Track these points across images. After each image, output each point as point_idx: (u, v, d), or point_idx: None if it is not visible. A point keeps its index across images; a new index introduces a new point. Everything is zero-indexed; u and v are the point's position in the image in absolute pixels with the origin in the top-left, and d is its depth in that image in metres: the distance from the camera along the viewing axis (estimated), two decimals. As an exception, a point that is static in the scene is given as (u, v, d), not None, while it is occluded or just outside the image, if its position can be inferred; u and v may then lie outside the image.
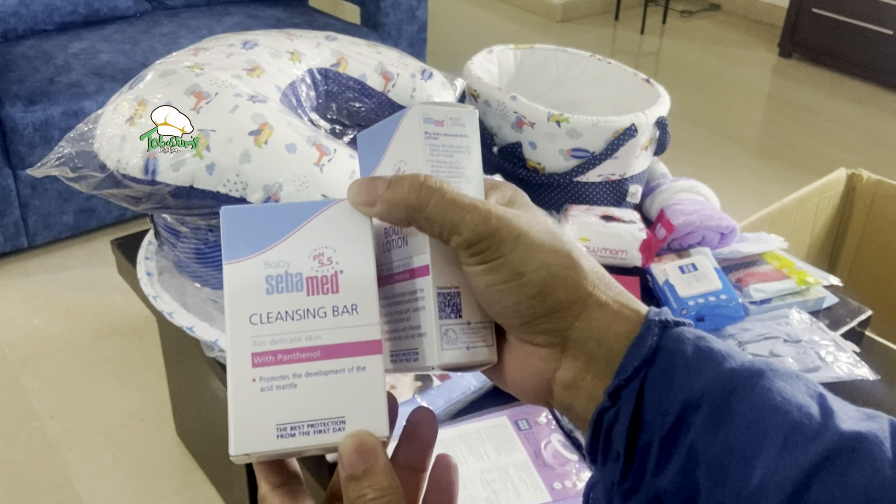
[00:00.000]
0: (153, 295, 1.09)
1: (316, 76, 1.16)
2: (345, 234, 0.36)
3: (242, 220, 0.36)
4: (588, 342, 0.35)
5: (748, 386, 0.33)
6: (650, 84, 1.35)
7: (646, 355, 0.34)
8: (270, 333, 0.34)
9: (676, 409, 0.33)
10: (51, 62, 2.08)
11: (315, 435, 0.34)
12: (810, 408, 0.32)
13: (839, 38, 3.39)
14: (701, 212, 1.20)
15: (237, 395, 0.34)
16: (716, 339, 0.35)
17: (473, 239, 0.34)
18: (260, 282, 0.35)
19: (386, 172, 0.38)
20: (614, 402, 0.34)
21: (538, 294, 0.34)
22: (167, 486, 1.52)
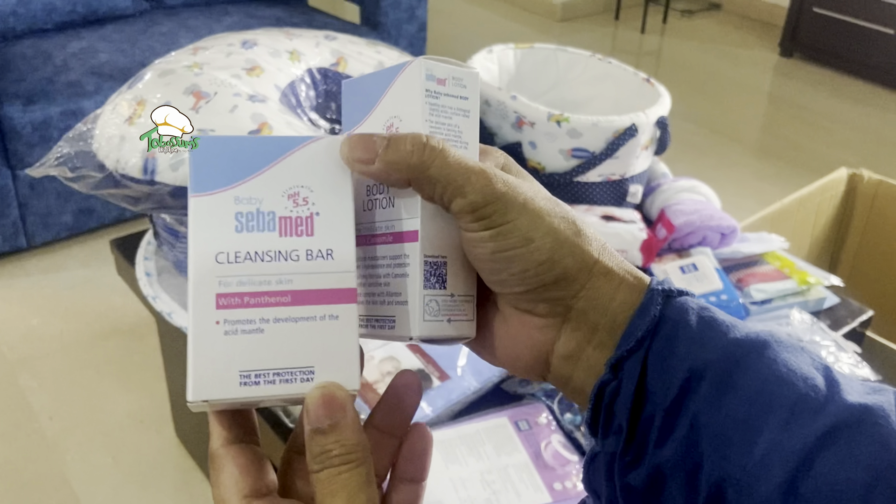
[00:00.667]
0: (152, 295, 1.09)
1: (315, 76, 1.16)
2: (324, 174, 0.34)
3: (213, 151, 0.33)
4: (591, 311, 0.34)
5: (753, 356, 0.32)
6: (650, 84, 1.34)
7: (649, 325, 0.33)
8: (237, 274, 0.32)
9: (680, 379, 0.32)
10: (49, 62, 2.08)
11: (281, 384, 0.32)
12: (815, 379, 0.32)
13: (840, 38, 3.39)
14: (701, 212, 1.20)
15: (198, 337, 0.31)
16: (719, 310, 0.34)
17: (480, 202, 0.33)
18: (229, 218, 0.32)
19: (375, 127, 0.36)
20: (616, 375, 0.33)
21: (547, 261, 0.33)
22: (166, 487, 1.51)
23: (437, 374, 0.94)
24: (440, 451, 0.86)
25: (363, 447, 0.31)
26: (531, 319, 0.35)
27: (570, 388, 0.36)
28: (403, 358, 0.96)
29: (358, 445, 0.31)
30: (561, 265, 0.33)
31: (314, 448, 0.31)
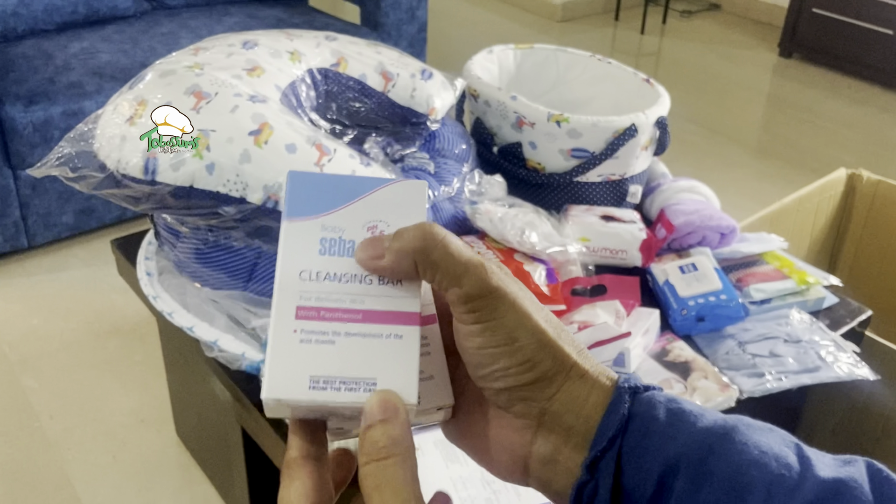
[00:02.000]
0: (153, 295, 1.09)
1: (316, 76, 1.16)
2: (400, 211, 0.38)
3: (307, 185, 0.38)
4: (566, 414, 0.35)
5: (724, 443, 0.33)
6: (650, 84, 1.35)
7: (619, 424, 0.34)
8: (317, 290, 0.36)
9: (655, 475, 0.33)
10: (51, 62, 2.08)
11: (346, 392, 0.34)
12: (788, 458, 0.33)
13: (839, 38, 3.39)
14: (701, 212, 1.20)
15: (277, 342, 0.35)
16: (686, 400, 0.36)
17: (474, 294, 0.34)
18: (314, 242, 0.37)
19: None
20: (592, 475, 0.34)
21: (527, 361, 0.35)
22: (167, 486, 1.52)
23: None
24: (441, 450, 0.86)
25: (409, 446, 0.32)
26: (509, 421, 0.36)
27: (552, 492, 0.36)
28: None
29: (405, 440, 0.32)
30: (540, 367, 0.35)
31: (365, 444, 0.32)
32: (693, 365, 1.00)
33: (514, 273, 1.04)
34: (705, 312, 1.06)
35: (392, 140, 1.16)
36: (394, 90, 1.18)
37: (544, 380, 0.35)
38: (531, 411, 0.35)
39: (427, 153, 1.18)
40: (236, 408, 1.01)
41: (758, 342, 1.05)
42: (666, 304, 1.10)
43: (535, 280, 1.03)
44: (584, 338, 0.94)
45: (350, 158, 1.01)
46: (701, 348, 1.06)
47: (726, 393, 0.96)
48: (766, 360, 1.01)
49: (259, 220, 0.97)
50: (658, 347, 1.03)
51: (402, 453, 0.32)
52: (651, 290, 1.15)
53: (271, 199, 0.95)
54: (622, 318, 1.00)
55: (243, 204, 0.95)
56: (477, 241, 1.11)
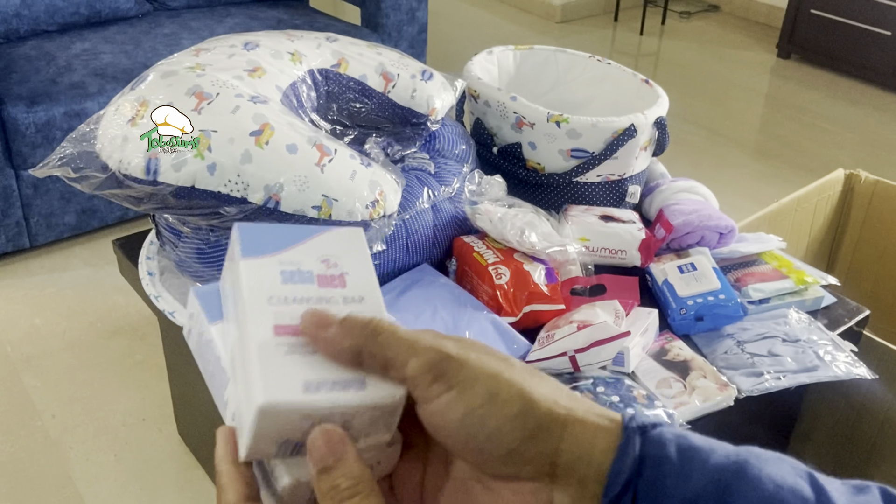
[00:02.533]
0: (155, 294, 1.10)
1: (317, 77, 1.17)
2: (347, 248, 0.40)
3: (256, 232, 0.39)
4: (577, 463, 0.33)
5: (738, 480, 0.32)
6: (649, 85, 1.35)
7: (633, 466, 0.33)
8: (289, 311, 0.36)
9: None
10: (53, 63, 2.09)
11: (339, 392, 0.34)
12: (804, 490, 0.32)
13: (837, 39, 3.39)
14: (700, 212, 1.20)
15: (264, 354, 0.35)
16: (693, 434, 0.35)
17: (435, 359, 0.33)
18: (275, 274, 0.38)
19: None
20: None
21: (519, 413, 0.33)
22: (169, 485, 1.52)
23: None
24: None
25: (367, 478, 0.32)
26: (521, 486, 0.34)
27: None
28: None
29: (362, 476, 0.32)
30: (534, 416, 0.33)
31: (322, 485, 0.32)
32: (692, 364, 1.00)
33: (514, 273, 1.04)
34: (704, 312, 1.06)
35: (392, 140, 1.17)
36: (394, 91, 1.18)
37: (543, 430, 0.33)
38: (542, 469, 0.34)
39: (427, 153, 1.19)
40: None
41: (756, 341, 1.05)
42: (665, 303, 1.10)
43: (535, 280, 1.04)
44: (583, 337, 0.95)
45: (351, 159, 1.01)
46: (700, 348, 1.06)
47: (725, 392, 0.96)
48: (764, 359, 1.02)
49: (260, 220, 0.98)
50: (657, 347, 1.04)
51: (365, 489, 0.32)
52: (650, 289, 1.16)
53: (272, 199, 0.96)
54: (621, 318, 1.00)
55: (244, 204, 0.96)
56: (477, 241, 1.12)
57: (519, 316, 1.03)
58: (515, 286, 1.03)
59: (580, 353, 0.95)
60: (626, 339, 0.96)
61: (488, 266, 1.06)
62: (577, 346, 0.95)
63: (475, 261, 1.08)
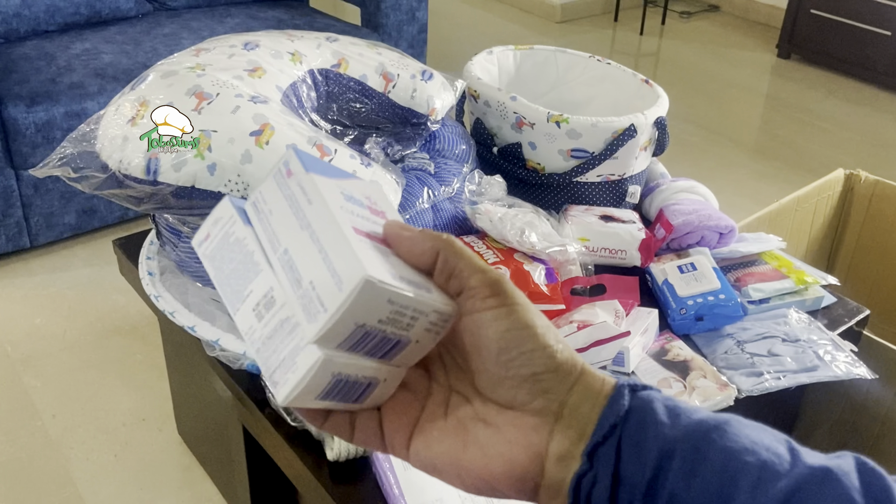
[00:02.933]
0: (155, 294, 1.10)
1: (317, 77, 1.17)
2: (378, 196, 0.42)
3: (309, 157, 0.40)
4: (583, 405, 0.36)
5: (718, 431, 0.35)
6: (649, 85, 1.35)
7: (620, 413, 0.35)
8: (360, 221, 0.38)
9: (653, 460, 0.34)
10: (53, 63, 2.09)
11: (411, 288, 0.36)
12: (778, 448, 0.34)
13: (837, 39, 3.39)
14: (700, 212, 1.21)
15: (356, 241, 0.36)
16: (681, 401, 0.37)
17: (495, 279, 0.37)
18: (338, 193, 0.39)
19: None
20: (592, 465, 0.35)
21: (548, 347, 0.36)
22: (169, 485, 1.52)
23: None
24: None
25: None
26: (523, 419, 0.37)
27: (562, 495, 0.36)
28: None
29: None
30: (562, 355, 0.37)
31: None
32: (692, 364, 1.00)
33: (514, 273, 1.04)
34: (704, 312, 1.07)
35: (392, 140, 1.17)
36: (394, 91, 1.18)
37: (565, 368, 0.36)
38: (550, 406, 0.36)
39: (427, 153, 1.19)
40: (238, 407, 1.02)
41: (756, 341, 1.05)
42: (665, 303, 1.10)
43: (535, 280, 1.04)
44: (583, 337, 0.95)
45: (351, 159, 1.01)
46: (700, 347, 1.06)
47: (725, 392, 0.97)
48: (764, 359, 1.02)
49: (261, 219, 0.98)
50: (657, 347, 1.04)
51: None
52: (650, 289, 1.16)
53: (273, 199, 0.96)
54: (621, 318, 1.00)
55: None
56: (477, 241, 1.12)
57: (519, 316, 1.02)
58: (515, 286, 1.03)
59: (580, 353, 0.95)
60: (626, 338, 0.96)
61: (488, 266, 1.06)
62: (577, 346, 0.95)
63: (475, 261, 1.08)
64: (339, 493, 0.87)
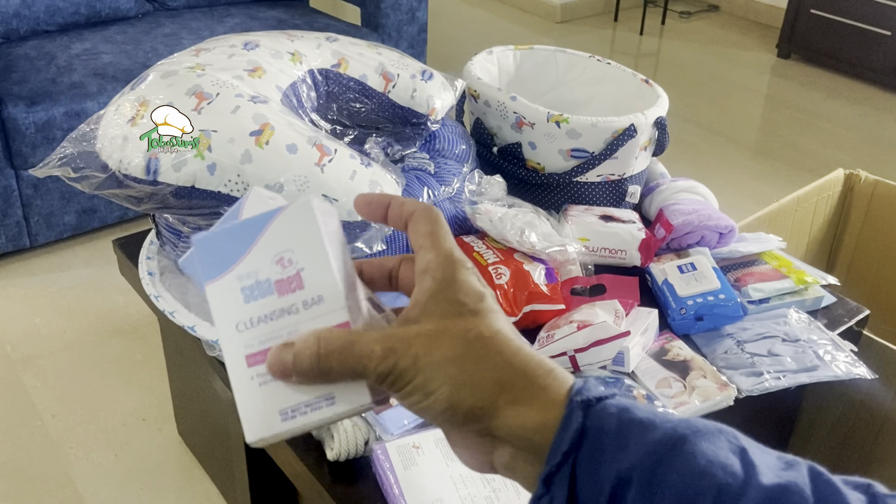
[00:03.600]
0: (155, 294, 1.10)
1: (317, 77, 1.17)
2: (298, 236, 0.40)
3: (211, 245, 0.40)
4: (510, 437, 0.37)
5: (673, 454, 0.35)
6: (649, 85, 1.35)
7: (573, 439, 0.35)
8: (257, 336, 0.39)
9: (609, 487, 0.35)
10: (53, 63, 2.09)
11: (312, 413, 0.38)
12: (734, 466, 0.34)
13: (837, 39, 3.39)
14: (700, 212, 1.21)
15: (241, 392, 0.39)
16: (639, 407, 0.37)
17: (383, 375, 0.37)
18: (237, 294, 0.39)
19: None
20: (548, 489, 0.36)
21: (448, 408, 0.37)
22: (169, 485, 1.52)
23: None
24: (441, 448, 0.87)
25: None
26: (470, 439, 0.39)
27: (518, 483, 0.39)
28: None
29: None
30: (462, 407, 0.37)
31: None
32: (692, 364, 1.00)
33: (514, 273, 1.04)
34: (704, 312, 1.07)
35: (392, 140, 1.17)
36: (394, 91, 1.18)
37: (473, 415, 0.37)
38: (483, 434, 0.38)
39: (427, 153, 1.19)
40: (238, 407, 1.02)
41: (756, 341, 1.05)
42: (665, 303, 1.10)
43: (535, 280, 1.04)
44: (583, 337, 0.95)
45: (351, 159, 1.01)
46: (700, 347, 1.06)
47: (725, 392, 0.97)
48: (764, 359, 1.02)
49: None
50: (657, 346, 1.04)
51: None
52: (650, 289, 1.16)
53: (273, 199, 0.96)
54: (621, 318, 1.00)
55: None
56: (477, 241, 1.12)
57: (519, 316, 1.03)
58: (515, 286, 1.03)
59: (580, 353, 0.95)
60: (626, 338, 0.96)
61: (488, 266, 1.06)
62: (577, 346, 0.95)
63: (475, 261, 1.08)
64: (339, 493, 0.87)
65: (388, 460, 0.85)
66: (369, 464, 0.88)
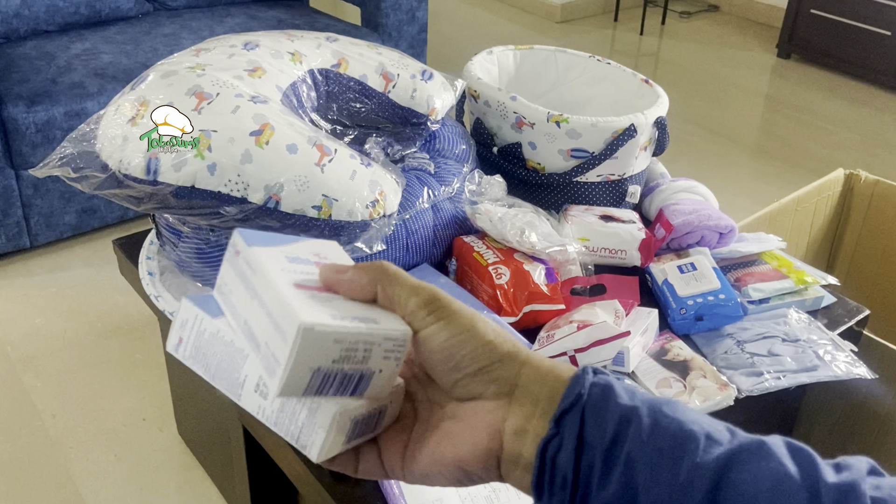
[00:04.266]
0: (155, 294, 1.10)
1: (317, 77, 1.17)
2: (331, 251, 0.46)
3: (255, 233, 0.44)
4: (532, 385, 0.41)
5: (669, 406, 0.40)
6: (649, 84, 1.35)
7: (584, 385, 0.40)
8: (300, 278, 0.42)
9: (613, 426, 0.39)
10: (53, 63, 2.09)
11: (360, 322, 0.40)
12: (719, 426, 0.40)
13: (837, 39, 3.39)
14: (700, 212, 1.21)
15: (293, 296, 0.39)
16: None
17: (430, 298, 0.42)
18: (282, 257, 0.43)
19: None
20: (559, 430, 0.39)
21: (491, 342, 0.41)
22: (169, 485, 1.52)
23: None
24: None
25: None
26: (482, 405, 0.42)
27: (520, 466, 0.41)
28: (404, 356, 0.97)
29: None
30: (502, 347, 0.42)
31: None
32: (692, 364, 1.00)
33: (514, 273, 1.04)
34: (704, 312, 1.07)
35: (392, 140, 1.17)
36: (394, 91, 1.19)
37: (509, 357, 0.41)
38: (503, 389, 0.41)
39: (427, 153, 1.19)
40: (238, 407, 1.02)
41: (756, 341, 1.05)
42: (665, 303, 1.10)
43: (535, 280, 1.04)
44: (583, 337, 0.95)
45: (351, 159, 1.01)
46: (700, 347, 1.06)
47: (725, 392, 0.97)
48: (764, 359, 1.02)
49: (261, 220, 0.98)
50: (657, 346, 1.04)
51: None
52: (650, 289, 1.16)
53: (273, 199, 0.96)
54: (621, 318, 1.00)
55: (245, 204, 0.96)
56: (477, 241, 1.12)
57: (519, 316, 1.03)
58: (515, 286, 1.03)
59: (580, 353, 0.95)
60: (626, 338, 0.96)
61: (488, 266, 1.06)
62: (577, 346, 0.95)
63: (475, 261, 1.08)
64: (339, 493, 0.87)
65: (388, 460, 0.85)
66: (369, 464, 0.88)
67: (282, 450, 0.95)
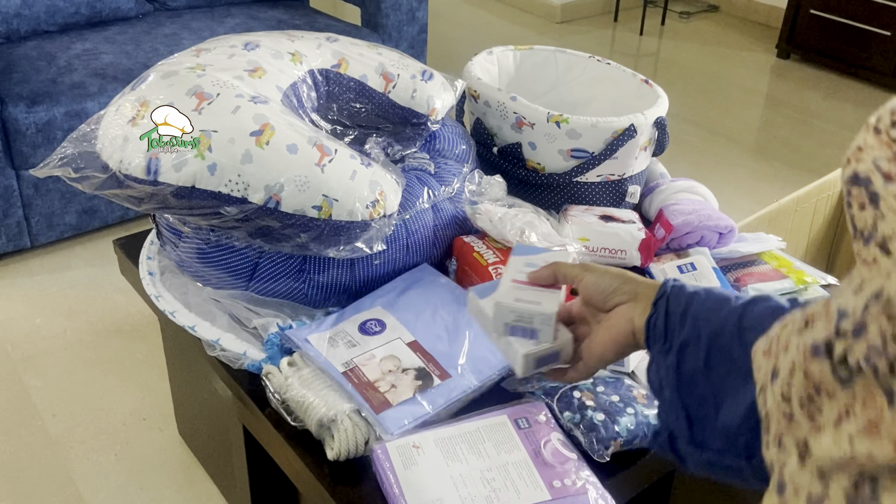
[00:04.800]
0: (155, 294, 1.10)
1: (317, 77, 1.17)
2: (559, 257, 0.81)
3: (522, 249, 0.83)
4: (644, 291, 0.69)
5: (718, 288, 0.68)
6: (649, 85, 1.35)
7: (669, 284, 0.68)
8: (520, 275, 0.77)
9: (684, 301, 0.65)
10: (53, 63, 2.09)
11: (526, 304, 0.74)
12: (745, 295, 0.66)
13: (837, 40, 3.40)
14: (699, 212, 1.21)
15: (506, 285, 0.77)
16: None
17: (582, 266, 0.75)
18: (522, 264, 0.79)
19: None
20: (655, 309, 0.66)
21: (618, 274, 0.72)
22: (169, 485, 1.52)
23: (437, 372, 0.95)
24: (441, 448, 0.87)
25: None
26: (620, 308, 0.70)
27: (641, 333, 0.68)
28: (403, 357, 0.97)
29: None
30: (624, 276, 0.72)
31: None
32: (691, 364, 1.00)
33: (514, 272, 1.05)
34: (703, 312, 1.06)
35: (393, 140, 1.17)
36: (394, 91, 1.19)
37: (630, 280, 0.70)
38: (630, 298, 0.69)
39: (427, 154, 1.19)
40: (238, 406, 1.02)
41: (755, 341, 1.05)
42: (664, 303, 1.10)
43: (535, 279, 1.04)
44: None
45: (351, 159, 1.02)
46: (699, 347, 1.06)
47: (724, 391, 0.97)
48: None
49: (260, 220, 0.98)
50: (656, 346, 1.04)
51: None
52: (650, 289, 1.16)
53: (273, 199, 0.96)
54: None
55: (245, 204, 0.96)
56: (477, 241, 1.12)
57: (519, 316, 1.03)
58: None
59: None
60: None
61: (488, 266, 1.06)
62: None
63: (475, 261, 1.08)
64: (339, 493, 0.87)
65: (389, 460, 0.85)
66: (369, 464, 0.88)
67: (282, 449, 0.95)
